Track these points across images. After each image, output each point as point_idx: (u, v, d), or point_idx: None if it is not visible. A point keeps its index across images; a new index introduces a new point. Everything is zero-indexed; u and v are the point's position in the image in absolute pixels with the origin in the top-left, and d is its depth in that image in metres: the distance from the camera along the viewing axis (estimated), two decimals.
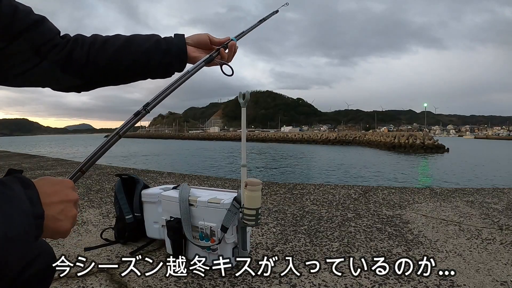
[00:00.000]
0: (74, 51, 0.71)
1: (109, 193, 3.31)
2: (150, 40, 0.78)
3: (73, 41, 0.72)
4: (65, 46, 0.70)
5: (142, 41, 0.77)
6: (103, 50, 0.73)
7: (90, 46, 0.72)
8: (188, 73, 0.80)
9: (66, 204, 0.53)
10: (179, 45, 0.80)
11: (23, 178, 0.49)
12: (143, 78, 0.81)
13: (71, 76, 0.73)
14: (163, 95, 0.74)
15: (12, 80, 0.68)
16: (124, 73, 0.78)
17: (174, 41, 0.80)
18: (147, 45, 0.77)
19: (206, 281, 1.43)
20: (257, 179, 1.40)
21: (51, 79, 0.72)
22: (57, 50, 0.69)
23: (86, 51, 0.72)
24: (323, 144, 59.73)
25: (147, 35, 0.79)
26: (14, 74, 0.67)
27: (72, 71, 0.72)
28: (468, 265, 1.60)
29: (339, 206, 2.75)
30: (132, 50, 0.75)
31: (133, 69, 0.77)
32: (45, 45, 0.67)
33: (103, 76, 0.76)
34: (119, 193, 1.87)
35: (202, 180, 4.21)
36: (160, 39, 0.79)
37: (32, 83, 0.71)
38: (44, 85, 0.73)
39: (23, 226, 0.45)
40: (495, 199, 2.95)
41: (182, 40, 0.81)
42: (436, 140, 39.22)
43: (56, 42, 0.69)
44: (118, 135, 0.68)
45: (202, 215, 1.52)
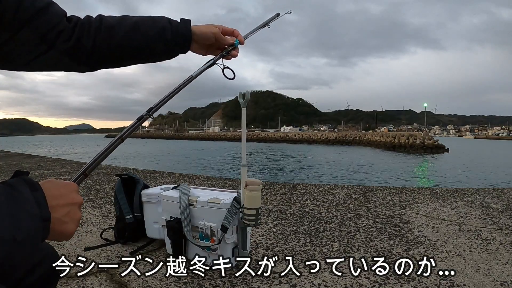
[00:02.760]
0: (81, 39, 0.71)
1: (109, 193, 3.31)
2: (156, 26, 0.77)
3: (79, 27, 0.71)
4: (72, 33, 0.69)
5: (148, 27, 0.77)
6: (109, 37, 0.73)
7: (96, 33, 0.72)
8: (191, 78, 0.81)
9: (72, 207, 0.53)
10: (185, 34, 0.80)
11: (31, 181, 0.49)
12: (146, 62, 0.83)
13: (78, 64, 0.74)
14: (165, 100, 0.76)
15: (21, 67, 0.68)
16: (128, 59, 0.79)
17: (180, 31, 0.80)
18: (153, 33, 0.77)
19: (206, 281, 1.43)
20: (257, 179, 1.40)
21: (59, 65, 0.73)
22: (64, 38, 0.68)
23: (93, 39, 0.72)
24: (323, 144, 59.74)
25: (153, 20, 0.78)
26: (23, 62, 0.67)
27: (79, 59, 0.73)
28: (468, 265, 1.60)
29: (339, 206, 2.75)
30: (137, 37, 0.76)
31: (137, 56, 0.79)
32: (51, 32, 0.66)
33: (108, 62, 0.77)
34: (119, 193, 1.87)
35: (202, 180, 4.21)
36: (166, 26, 0.78)
37: (41, 69, 0.71)
38: (52, 70, 0.74)
39: (31, 229, 0.45)
40: (495, 199, 2.95)
41: (188, 28, 0.81)
42: (436, 140, 39.23)
43: (62, 27, 0.68)
44: (121, 139, 0.69)
45: (202, 215, 1.52)
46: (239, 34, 0.90)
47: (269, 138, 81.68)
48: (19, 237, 0.42)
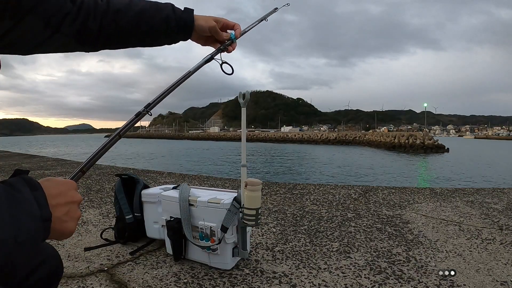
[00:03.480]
0: (87, 22, 0.71)
1: (109, 193, 3.31)
2: (160, 14, 0.79)
3: (85, 10, 0.70)
4: (77, 15, 0.69)
5: (153, 14, 0.78)
6: (115, 21, 0.74)
7: (102, 16, 0.72)
8: (189, 73, 0.80)
9: (71, 206, 0.53)
10: (187, 25, 0.82)
11: (30, 180, 0.49)
12: (149, 46, 0.85)
13: (84, 46, 0.75)
14: (163, 95, 0.75)
15: (26, 51, 0.68)
16: (132, 43, 0.81)
17: (183, 20, 0.82)
18: (157, 20, 0.78)
19: (206, 281, 1.43)
20: (257, 179, 1.40)
21: (64, 47, 0.73)
22: (69, 21, 0.68)
23: (99, 22, 0.72)
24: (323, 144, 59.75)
25: (159, 7, 0.80)
26: (28, 48, 0.67)
27: (86, 42, 0.74)
28: (468, 265, 1.60)
29: (339, 206, 2.75)
30: (142, 23, 0.77)
31: (141, 40, 0.81)
32: (56, 16, 0.65)
33: (112, 44, 0.79)
34: (119, 193, 1.87)
35: (202, 180, 4.21)
36: (170, 14, 0.80)
37: (46, 51, 0.71)
38: (56, 52, 0.74)
39: (31, 230, 0.44)
40: (495, 199, 2.95)
41: (191, 19, 0.83)
42: (436, 140, 39.22)
43: (67, 10, 0.67)
44: (118, 135, 0.68)
45: (202, 215, 1.52)
46: (238, 28, 0.91)
47: (269, 138, 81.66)
48: (19, 238, 0.42)
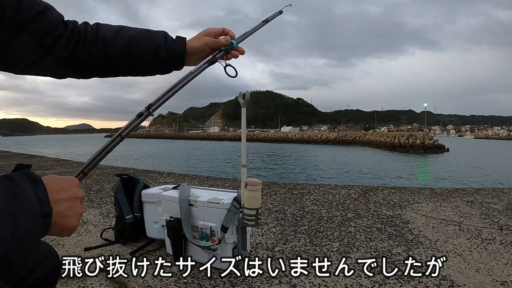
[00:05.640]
0: (77, 51, 0.71)
1: (109, 193, 3.31)
2: (151, 44, 0.77)
3: (76, 36, 0.71)
4: (69, 41, 0.70)
5: (143, 44, 0.76)
6: (104, 51, 0.73)
7: (91, 46, 0.72)
8: (190, 74, 0.80)
9: (74, 201, 0.53)
10: (178, 55, 0.80)
11: (32, 175, 0.48)
12: (140, 76, 0.83)
13: (73, 73, 0.75)
14: (165, 97, 0.75)
15: (21, 70, 0.69)
16: (122, 73, 0.80)
17: (173, 50, 0.79)
18: (147, 50, 0.76)
19: (206, 281, 1.43)
20: (257, 179, 1.40)
21: (54, 74, 0.73)
22: (61, 45, 0.69)
23: (87, 51, 0.72)
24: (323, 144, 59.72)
25: (150, 36, 0.78)
26: (23, 66, 0.68)
27: (74, 69, 0.73)
28: (468, 265, 1.60)
29: (339, 206, 2.75)
30: (132, 54, 0.76)
31: (131, 71, 0.80)
32: (48, 36, 0.66)
33: (101, 73, 0.78)
34: (119, 193, 1.87)
35: (202, 180, 4.21)
36: (161, 44, 0.77)
37: (39, 74, 0.72)
38: (48, 76, 0.74)
39: (30, 227, 0.44)
40: (495, 199, 2.95)
41: (183, 48, 0.80)
42: (436, 140, 39.20)
43: (59, 32, 0.68)
44: (120, 136, 0.68)
45: (202, 215, 1.52)
46: (229, 31, 0.87)
47: (269, 138, 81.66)
48: (17, 235, 0.42)
